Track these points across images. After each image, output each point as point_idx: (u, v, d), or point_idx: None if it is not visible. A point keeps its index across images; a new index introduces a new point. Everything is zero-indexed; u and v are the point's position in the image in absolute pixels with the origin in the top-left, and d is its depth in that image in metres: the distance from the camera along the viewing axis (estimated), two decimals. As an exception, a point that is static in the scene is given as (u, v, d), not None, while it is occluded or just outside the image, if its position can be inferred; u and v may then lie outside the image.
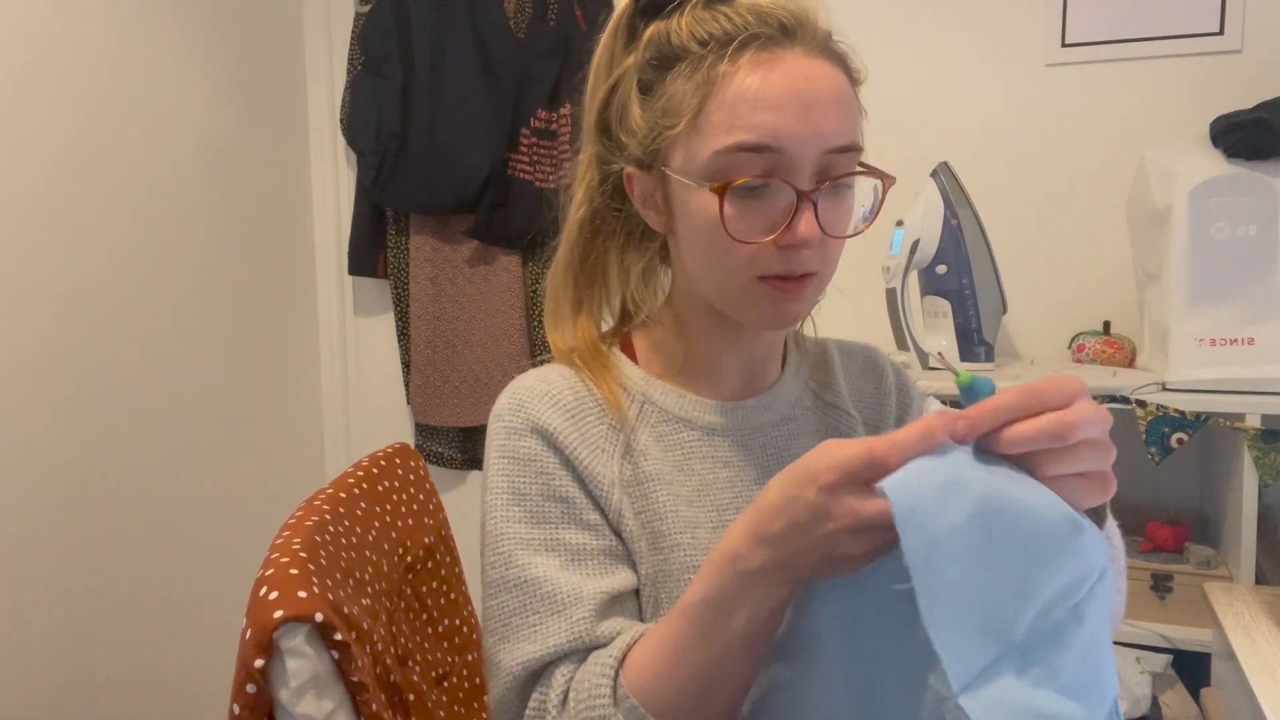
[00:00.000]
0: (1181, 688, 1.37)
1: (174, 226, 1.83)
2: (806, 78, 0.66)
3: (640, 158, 0.73)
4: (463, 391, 2.11)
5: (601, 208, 0.78)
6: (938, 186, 1.52)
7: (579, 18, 1.97)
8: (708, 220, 0.68)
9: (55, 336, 1.59)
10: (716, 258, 0.69)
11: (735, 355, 0.78)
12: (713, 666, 0.59)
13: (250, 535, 1.99)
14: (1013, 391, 0.50)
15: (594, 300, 0.80)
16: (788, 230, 0.66)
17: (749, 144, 0.65)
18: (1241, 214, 1.32)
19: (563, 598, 0.67)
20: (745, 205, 0.66)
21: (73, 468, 1.62)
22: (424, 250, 2.10)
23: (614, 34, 0.75)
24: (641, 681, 0.61)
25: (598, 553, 0.70)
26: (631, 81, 0.73)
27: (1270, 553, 1.38)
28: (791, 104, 0.65)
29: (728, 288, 0.70)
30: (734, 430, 0.77)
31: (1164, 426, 1.32)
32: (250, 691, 0.68)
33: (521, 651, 0.66)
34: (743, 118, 0.65)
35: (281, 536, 0.81)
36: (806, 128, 0.65)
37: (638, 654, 0.63)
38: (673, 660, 0.60)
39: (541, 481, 0.71)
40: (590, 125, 0.78)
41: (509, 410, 0.74)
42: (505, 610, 0.69)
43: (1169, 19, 1.65)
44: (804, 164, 0.66)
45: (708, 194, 0.67)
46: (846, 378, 0.86)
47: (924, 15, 1.79)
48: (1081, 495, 0.52)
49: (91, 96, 1.65)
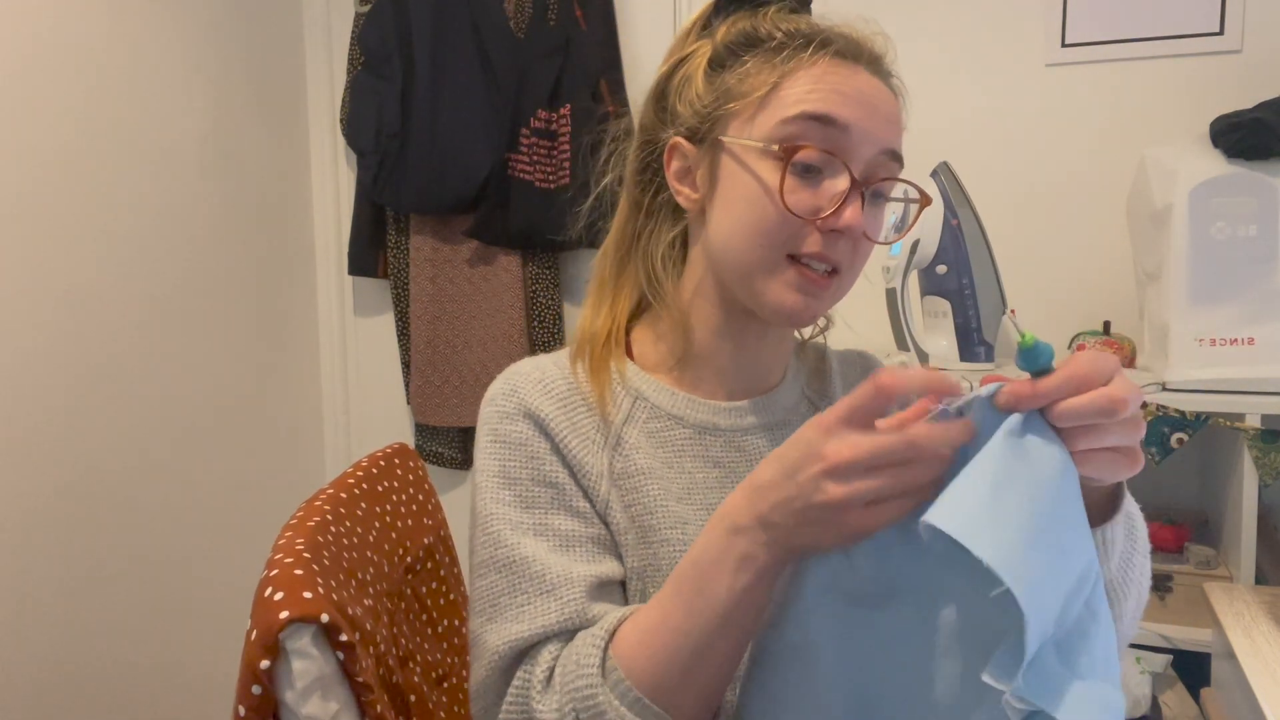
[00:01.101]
0: (1181, 688, 1.37)
1: (174, 226, 1.83)
2: (875, 89, 0.71)
3: (695, 126, 0.74)
4: (463, 391, 2.11)
5: (638, 193, 0.80)
6: (938, 186, 1.53)
7: (579, 18, 1.97)
8: (758, 188, 0.69)
9: (55, 336, 1.59)
10: (756, 225, 0.70)
11: (737, 355, 0.78)
12: (696, 637, 0.59)
13: (250, 535, 1.99)
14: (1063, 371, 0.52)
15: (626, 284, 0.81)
16: (834, 215, 0.68)
17: (819, 113, 0.68)
18: (1241, 214, 1.32)
19: (552, 578, 0.67)
20: (801, 179, 0.69)
21: (72, 467, 1.62)
22: (424, 250, 2.10)
23: (691, 27, 0.78)
24: (629, 657, 0.61)
25: (586, 540, 0.71)
26: (703, 58, 0.75)
27: (1270, 553, 1.38)
28: (861, 100, 0.69)
29: (757, 260, 0.70)
30: (727, 431, 0.77)
31: (1164, 426, 1.33)
32: (255, 693, 0.68)
33: (509, 631, 0.66)
34: (816, 94, 0.68)
35: (284, 537, 0.81)
36: (871, 123, 0.69)
37: (627, 628, 0.63)
38: (659, 631, 0.61)
39: (532, 466, 0.72)
40: (648, 99, 0.79)
41: (502, 394, 0.75)
42: (494, 590, 0.69)
43: (1169, 19, 1.65)
44: (861, 155, 0.69)
45: (767, 160, 0.69)
46: (844, 386, 0.87)
47: (924, 15, 1.79)
48: (1113, 469, 0.54)
49: (91, 96, 1.65)
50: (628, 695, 0.60)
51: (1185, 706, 1.34)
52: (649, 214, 0.80)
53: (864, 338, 0.92)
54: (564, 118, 1.97)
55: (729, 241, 0.72)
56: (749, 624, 0.60)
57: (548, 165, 1.99)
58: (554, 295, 2.07)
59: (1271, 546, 1.39)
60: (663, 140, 0.76)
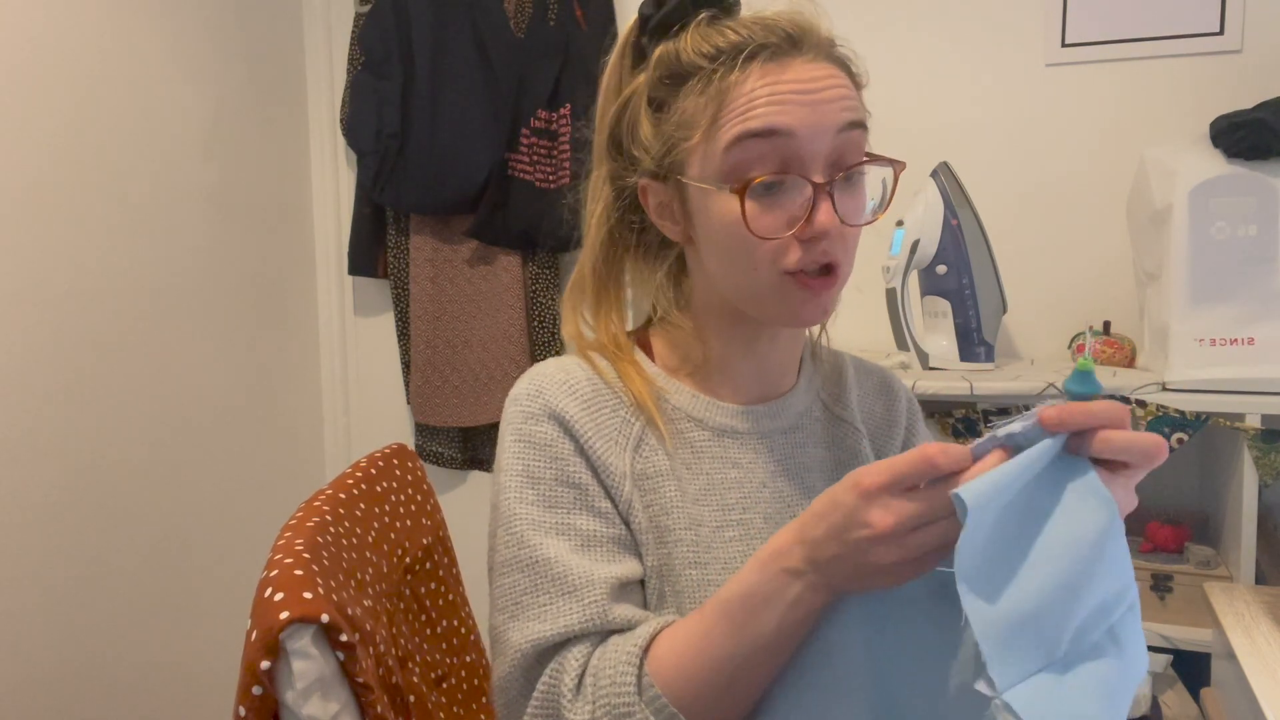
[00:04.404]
0: (1181, 688, 1.37)
1: (173, 226, 1.83)
2: (811, 78, 0.68)
3: (654, 170, 0.74)
4: (462, 391, 2.11)
5: (618, 224, 0.80)
6: (938, 186, 1.52)
7: (579, 18, 1.97)
8: (728, 222, 0.69)
9: (55, 336, 1.59)
10: (740, 257, 0.70)
11: (751, 360, 0.79)
12: (738, 663, 0.61)
13: (250, 535, 1.99)
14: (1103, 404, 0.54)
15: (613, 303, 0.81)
16: (807, 223, 0.68)
17: (758, 130, 0.67)
18: (1241, 214, 1.32)
19: (574, 579, 0.68)
20: (764, 202, 0.68)
21: (71, 467, 1.62)
22: (424, 250, 2.10)
23: (621, 55, 0.77)
24: (667, 674, 0.62)
25: (607, 540, 0.71)
26: (642, 99, 0.75)
27: (1270, 553, 1.38)
28: (800, 96, 0.67)
29: (755, 286, 0.71)
30: (744, 433, 0.78)
31: (1164, 426, 1.33)
32: (256, 693, 0.68)
33: (532, 630, 0.67)
34: (753, 110, 0.67)
35: (284, 537, 0.81)
36: (814, 115, 0.67)
37: (663, 645, 0.64)
38: (700, 653, 0.61)
39: (556, 467, 0.72)
40: (601, 144, 0.79)
41: (526, 395, 0.76)
42: (516, 589, 0.69)
43: (1169, 19, 1.65)
44: (816, 154, 0.68)
45: (727, 196, 0.69)
46: (859, 394, 0.88)
47: (924, 15, 1.79)
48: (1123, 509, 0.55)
49: (90, 96, 1.65)
50: (663, 711, 0.61)
51: (1185, 706, 1.34)
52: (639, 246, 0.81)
53: (864, 338, 0.92)
54: (564, 118, 1.97)
55: (721, 270, 0.73)
56: (789, 652, 0.62)
57: (548, 165, 1.99)
58: (554, 295, 2.07)
59: (1271, 546, 1.39)
60: (631, 184, 0.77)
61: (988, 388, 1.38)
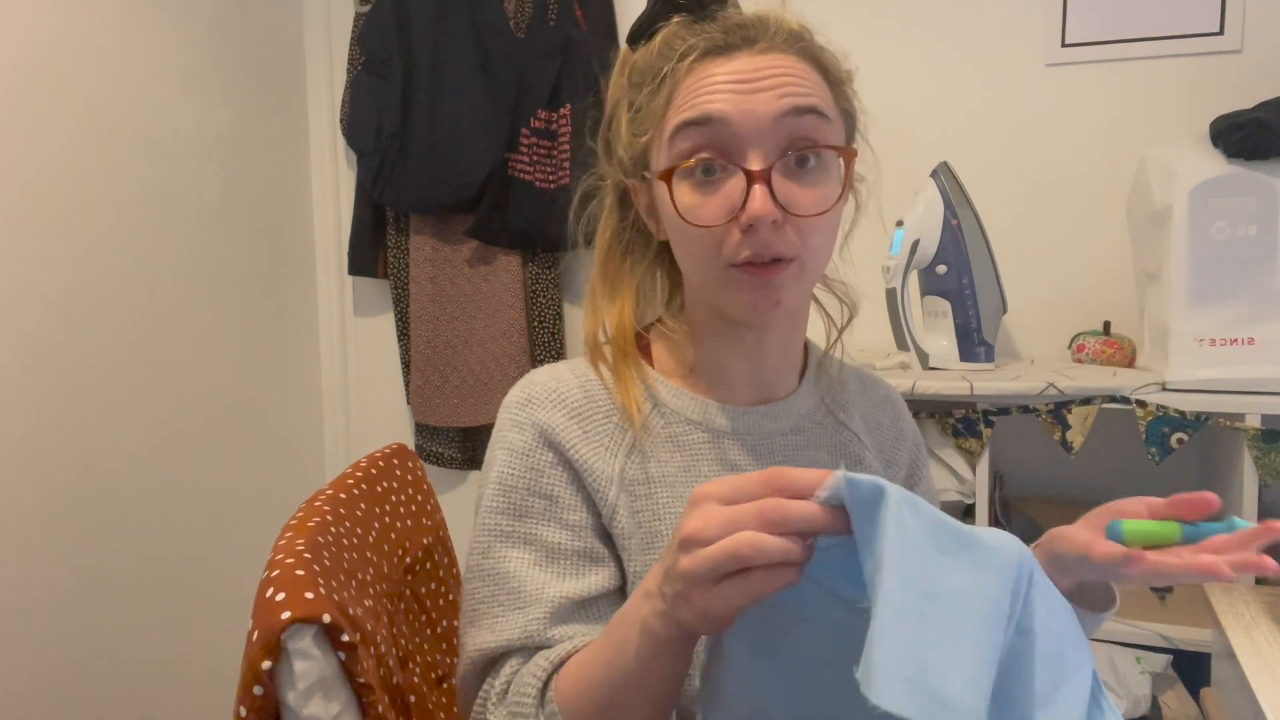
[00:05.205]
0: (1181, 688, 1.37)
1: (173, 226, 1.83)
2: (753, 67, 0.68)
3: (631, 169, 0.76)
4: (462, 391, 2.11)
5: (620, 226, 0.81)
6: (938, 186, 1.52)
7: (579, 18, 1.97)
8: (673, 213, 0.70)
9: (55, 337, 1.59)
10: (689, 248, 0.72)
11: (743, 362, 0.79)
12: (614, 687, 0.60)
13: (251, 535, 1.99)
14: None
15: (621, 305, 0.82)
16: (741, 212, 0.67)
17: (691, 118, 0.68)
18: (1241, 214, 1.32)
19: (525, 595, 0.70)
20: (702, 193, 0.69)
21: (71, 467, 1.62)
22: (424, 250, 2.10)
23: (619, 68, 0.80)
24: (565, 690, 0.63)
25: (572, 554, 0.72)
26: (623, 104, 0.76)
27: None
28: (734, 88, 0.67)
29: (707, 278, 0.72)
30: (743, 435, 0.78)
31: (1164, 426, 1.33)
32: (257, 693, 0.68)
33: (481, 639, 0.70)
34: (690, 101, 0.68)
35: (284, 537, 0.81)
36: (749, 102, 0.67)
37: (571, 663, 0.65)
38: (589, 672, 0.62)
39: (530, 477, 0.73)
40: (601, 149, 0.82)
41: (515, 404, 0.77)
42: (476, 596, 0.72)
43: (1169, 19, 1.65)
44: (751, 141, 0.67)
45: (663, 187, 0.70)
46: (864, 405, 0.87)
47: (924, 16, 1.79)
48: None
49: (90, 96, 1.65)
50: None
51: (1185, 706, 1.34)
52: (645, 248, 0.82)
53: (864, 338, 0.92)
54: (564, 118, 1.97)
55: (684, 265, 0.75)
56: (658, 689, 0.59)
57: (547, 165, 1.99)
58: (554, 295, 2.07)
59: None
60: (621, 185, 0.79)
61: (988, 388, 1.39)
